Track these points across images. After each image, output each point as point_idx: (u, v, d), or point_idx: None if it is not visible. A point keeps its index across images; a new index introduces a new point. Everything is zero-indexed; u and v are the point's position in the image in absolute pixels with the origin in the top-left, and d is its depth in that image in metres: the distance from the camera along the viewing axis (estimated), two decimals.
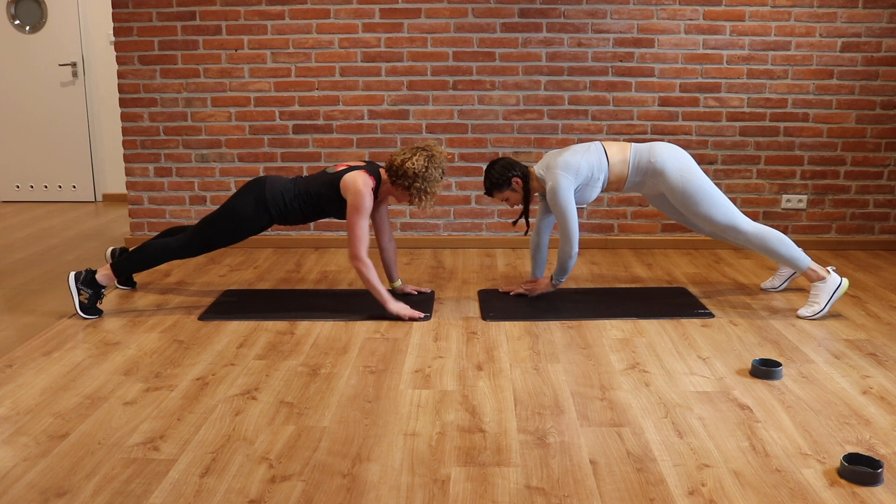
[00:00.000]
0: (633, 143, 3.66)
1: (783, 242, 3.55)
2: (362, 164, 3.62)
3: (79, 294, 3.58)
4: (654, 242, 4.95)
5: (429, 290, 3.96)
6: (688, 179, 3.54)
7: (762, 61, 4.73)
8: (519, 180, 3.62)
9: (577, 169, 3.54)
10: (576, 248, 3.59)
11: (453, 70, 4.79)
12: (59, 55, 6.44)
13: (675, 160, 3.56)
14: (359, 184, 3.47)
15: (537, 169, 3.64)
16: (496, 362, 3.06)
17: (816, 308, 3.54)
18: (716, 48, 4.73)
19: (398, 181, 3.49)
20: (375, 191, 3.56)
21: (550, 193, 3.54)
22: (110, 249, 4.00)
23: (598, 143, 3.67)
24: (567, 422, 2.55)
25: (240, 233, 3.60)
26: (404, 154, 3.48)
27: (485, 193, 3.71)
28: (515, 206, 3.69)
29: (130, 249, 3.73)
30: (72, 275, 3.59)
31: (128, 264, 3.63)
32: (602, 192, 3.68)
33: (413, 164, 3.43)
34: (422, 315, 3.56)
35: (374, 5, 4.72)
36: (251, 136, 4.90)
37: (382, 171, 3.61)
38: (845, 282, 3.55)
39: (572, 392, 2.78)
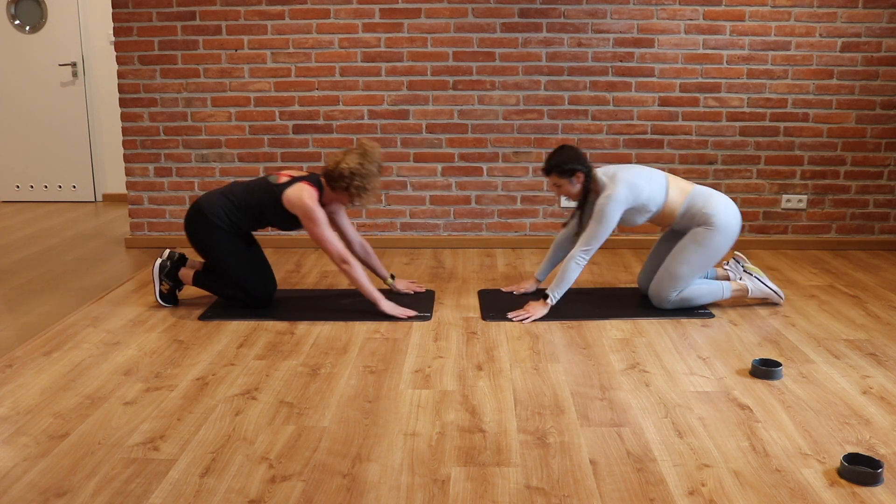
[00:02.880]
0: (694, 187, 3.62)
1: (699, 294, 3.62)
2: (304, 175, 3.62)
3: (161, 284, 3.72)
4: (654, 242, 4.95)
5: (424, 290, 3.96)
6: (713, 238, 3.53)
7: (762, 61, 4.73)
8: (582, 175, 3.58)
9: (638, 193, 3.52)
10: (586, 260, 3.53)
11: (453, 70, 4.79)
12: (59, 55, 6.44)
13: (725, 217, 3.54)
14: (304, 198, 3.50)
15: (600, 173, 3.62)
16: (496, 362, 3.06)
17: (775, 299, 3.71)
18: (716, 48, 4.73)
19: (337, 184, 3.53)
20: (320, 201, 3.59)
21: (604, 199, 3.51)
22: (167, 252, 3.84)
23: (664, 176, 3.62)
24: (567, 422, 2.55)
25: (236, 254, 3.62)
26: (337, 157, 3.54)
27: (542, 170, 3.64)
28: (563, 197, 3.67)
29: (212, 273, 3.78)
30: (157, 264, 3.72)
31: (205, 282, 3.74)
32: (647, 222, 3.67)
33: (348, 164, 3.49)
34: (415, 314, 3.57)
35: (374, 5, 4.72)
36: (251, 136, 4.90)
37: (323, 179, 3.62)
38: (747, 265, 3.73)
39: (572, 392, 2.78)
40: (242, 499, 2.11)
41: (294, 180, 3.57)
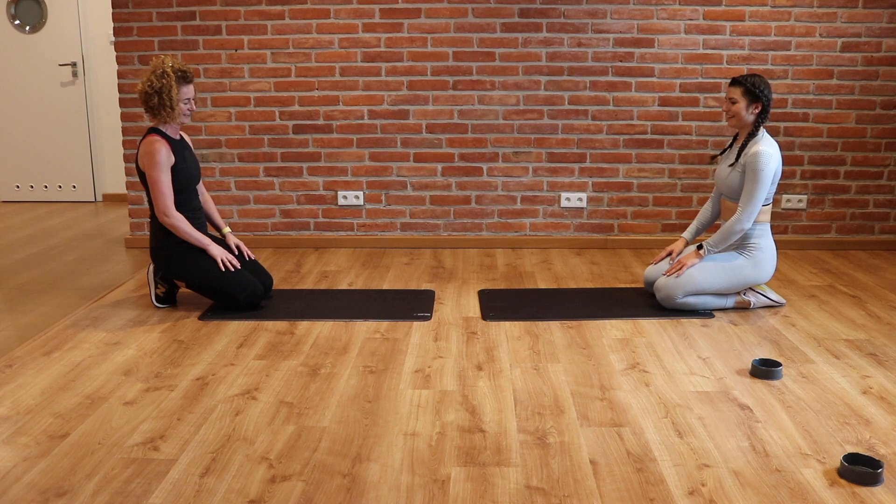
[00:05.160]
0: (769, 221, 3.71)
1: (703, 303, 3.64)
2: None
3: (156, 287, 3.75)
4: (654, 242, 4.95)
5: (249, 258, 3.88)
6: (745, 269, 3.63)
7: (762, 61, 4.73)
8: (761, 107, 3.55)
9: (780, 161, 3.55)
10: (748, 225, 3.54)
11: (453, 70, 4.79)
12: (59, 55, 6.44)
13: (768, 257, 3.65)
14: (150, 146, 3.53)
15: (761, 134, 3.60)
16: (496, 362, 3.06)
17: (774, 296, 3.74)
18: (716, 48, 4.73)
19: (153, 111, 3.56)
20: (172, 143, 3.60)
21: (756, 156, 3.49)
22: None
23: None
24: (567, 422, 2.55)
25: (201, 268, 3.62)
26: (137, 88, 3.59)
27: (731, 80, 3.61)
28: (728, 118, 3.60)
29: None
30: (150, 268, 3.76)
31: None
32: (734, 200, 3.67)
33: (141, 87, 3.54)
34: (238, 265, 3.64)
35: (374, 5, 4.72)
36: (251, 136, 4.90)
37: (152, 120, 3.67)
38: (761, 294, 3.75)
39: (572, 392, 2.78)
40: (242, 499, 2.11)
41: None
